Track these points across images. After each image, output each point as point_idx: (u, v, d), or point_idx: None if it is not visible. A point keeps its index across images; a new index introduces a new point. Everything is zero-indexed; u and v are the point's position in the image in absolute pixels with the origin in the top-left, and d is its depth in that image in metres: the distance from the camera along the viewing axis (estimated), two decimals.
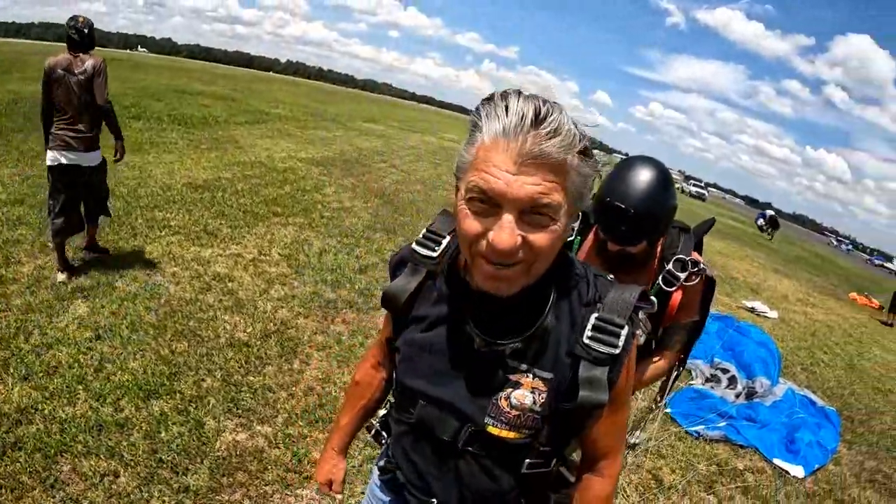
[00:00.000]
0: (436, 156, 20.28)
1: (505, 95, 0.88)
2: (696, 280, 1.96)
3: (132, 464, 2.61)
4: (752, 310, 9.90)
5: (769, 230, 33.20)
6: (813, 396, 6.07)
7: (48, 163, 4.32)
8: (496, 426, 1.04)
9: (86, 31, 4.32)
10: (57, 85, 4.19)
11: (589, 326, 1.00)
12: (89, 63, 4.25)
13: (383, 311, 4.06)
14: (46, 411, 2.83)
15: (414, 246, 1.17)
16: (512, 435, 1.05)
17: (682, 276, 1.94)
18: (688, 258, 1.96)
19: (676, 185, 2.01)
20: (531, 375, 1.03)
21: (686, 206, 40.14)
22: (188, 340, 3.81)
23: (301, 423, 3.23)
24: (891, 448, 5.61)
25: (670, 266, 1.95)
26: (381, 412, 1.40)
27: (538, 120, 0.84)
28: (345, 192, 9.93)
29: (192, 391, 3.26)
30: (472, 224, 0.89)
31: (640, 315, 1.05)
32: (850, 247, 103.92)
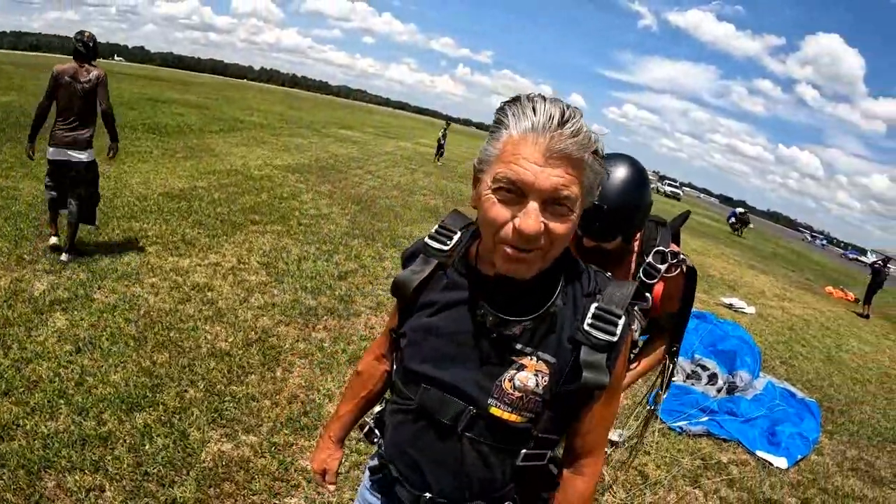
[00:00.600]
0: (412, 161, 20.33)
1: (531, 98, 0.97)
2: (677, 271, 1.98)
3: (117, 478, 2.57)
4: (730, 306, 10.04)
5: (739, 227, 33.99)
6: (793, 389, 6.19)
7: (48, 156, 4.89)
8: (499, 407, 1.07)
9: (91, 44, 4.90)
10: (62, 90, 4.73)
11: (589, 315, 1.06)
12: (94, 73, 4.83)
13: (364, 318, 4.09)
14: (28, 427, 2.77)
15: (427, 240, 1.23)
16: (513, 417, 1.07)
17: (663, 267, 1.95)
18: (667, 250, 1.98)
19: (651, 185, 2.04)
20: (535, 358, 1.07)
21: (661, 205, 40.56)
22: (169, 351, 3.76)
23: (286, 432, 3.21)
24: (871, 437, 5.73)
25: (650, 258, 1.97)
26: (377, 409, 1.39)
27: (563, 121, 0.92)
28: (322, 198, 9.90)
29: (176, 402, 3.22)
30: (499, 211, 0.96)
31: (635, 309, 1.14)
32: (824, 242, 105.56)
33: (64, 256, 4.85)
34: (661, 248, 1.98)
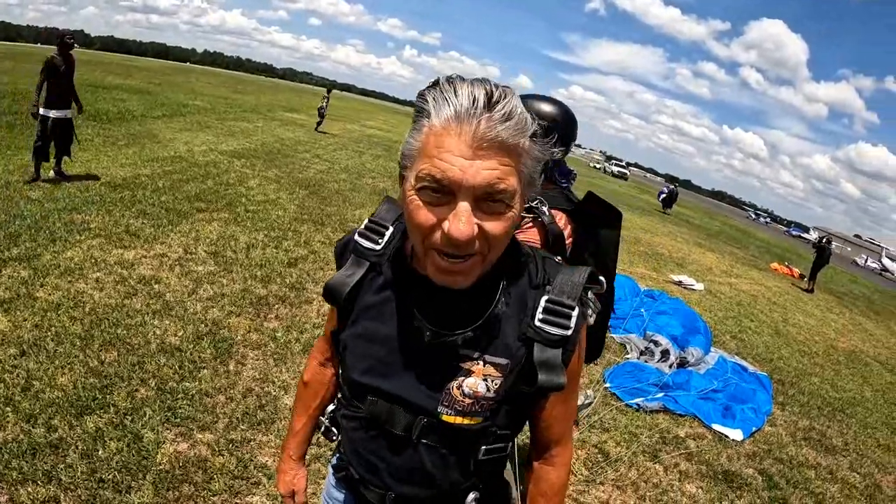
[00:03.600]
0: (359, 144, 20.08)
1: (451, 80, 0.85)
2: (530, 226, 1.88)
3: (72, 487, 2.43)
4: (679, 283, 10.29)
5: (669, 203, 34.05)
6: (744, 363, 6.41)
7: (42, 113, 6.90)
8: (450, 414, 1.00)
9: (72, 40, 7.17)
10: (55, 70, 6.80)
11: (540, 309, 0.98)
12: (73, 61, 7.16)
13: (317, 305, 3.99)
14: None
15: (356, 238, 1.11)
16: (468, 421, 1.00)
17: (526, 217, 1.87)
18: (534, 204, 1.87)
19: (598, 166, 2.00)
20: (483, 363, 0.98)
21: (609, 185, 41.43)
22: (117, 349, 3.59)
23: (243, 427, 3.11)
24: (821, 407, 6.00)
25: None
26: (330, 408, 1.31)
27: (491, 103, 0.79)
28: (269, 184, 9.65)
29: (127, 403, 3.07)
30: (424, 215, 0.84)
31: (590, 294, 1.02)
32: (768, 220, 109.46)
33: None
34: (535, 203, 1.88)
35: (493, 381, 0.99)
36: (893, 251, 68.29)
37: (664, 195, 31.93)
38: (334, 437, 1.26)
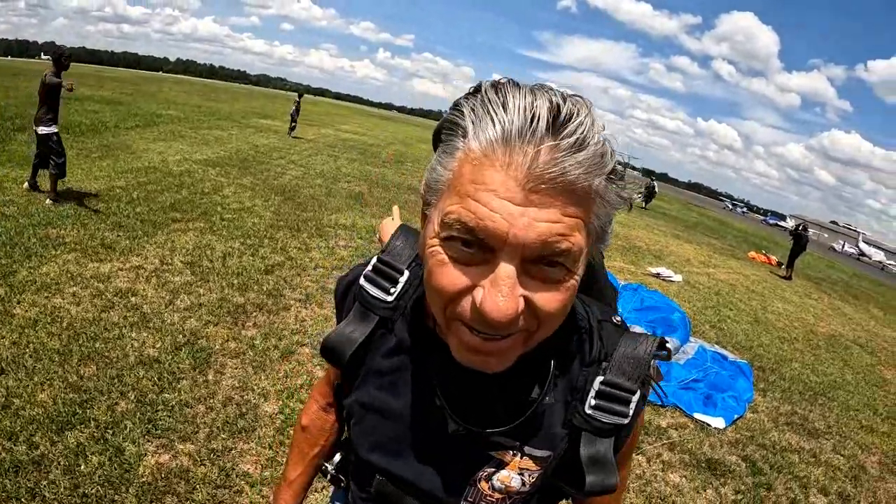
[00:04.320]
0: (334, 148, 20.05)
1: (499, 86, 0.59)
2: None
3: (56, 503, 2.45)
4: (657, 275, 10.40)
5: (647, 199, 33.70)
6: (724, 352, 6.51)
7: (53, 130, 7.07)
8: None
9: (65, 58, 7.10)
10: (51, 88, 6.85)
11: (592, 394, 0.76)
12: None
13: (294, 311, 3.99)
14: None
15: (362, 282, 0.86)
16: None
17: None
18: None
19: None
20: (519, 454, 0.78)
21: None
22: (96, 363, 3.59)
23: (224, 436, 3.14)
24: (803, 391, 6.14)
25: None
26: (337, 457, 1.10)
27: (558, 123, 0.55)
28: (244, 191, 9.62)
29: (107, 417, 3.08)
30: (449, 277, 0.59)
31: (654, 364, 0.79)
32: (744, 209, 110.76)
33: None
34: None
35: (529, 476, 0.79)
36: (870, 236, 69.62)
37: (643, 191, 31.42)
38: (342, 484, 1.09)
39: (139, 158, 10.70)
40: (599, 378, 0.76)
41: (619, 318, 0.83)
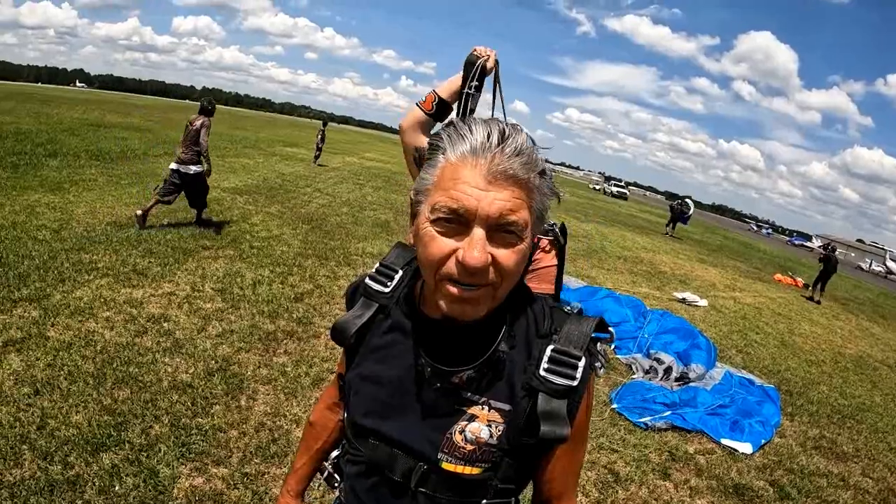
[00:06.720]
0: (359, 177, 20.28)
1: (465, 120, 0.90)
2: (548, 248, 2.03)
3: None
4: (682, 300, 10.29)
5: (671, 225, 28.51)
6: (751, 376, 6.45)
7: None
8: (450, 461, 0.98)
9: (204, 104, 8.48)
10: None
11: (545, 358, 0.96)
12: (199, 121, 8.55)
13: (325, 339, 4.04)
14: None
15: (367, 280, 1.13)
16: (469, 470, 0.98)
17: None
18: (551, 226, 2.03)
19: (598, 187, 2.10)
20: (486, 407, 0.97)
21: (609, 206, 41.62)
22: (130, 387, 3.67)
23: (257, 461, 3.18)
24: (831, 415, 6.02)
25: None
26: (334, 454, 1.31)
27: (503, 139, 0.85)
28: (272, 219, 9.80)
29: (141, 440, 3.14)
30: (438, 245, 0.86)
31: (599, 346, 1.01)
32: (770, 231, 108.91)
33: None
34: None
35: (496, 427, 0.97)
36: None
37: (686, 215, 27.24)
38: (336, 484, 1.26)
39: None
40: (550, 346, 0.97)
41: (570, 308, 1.07)
